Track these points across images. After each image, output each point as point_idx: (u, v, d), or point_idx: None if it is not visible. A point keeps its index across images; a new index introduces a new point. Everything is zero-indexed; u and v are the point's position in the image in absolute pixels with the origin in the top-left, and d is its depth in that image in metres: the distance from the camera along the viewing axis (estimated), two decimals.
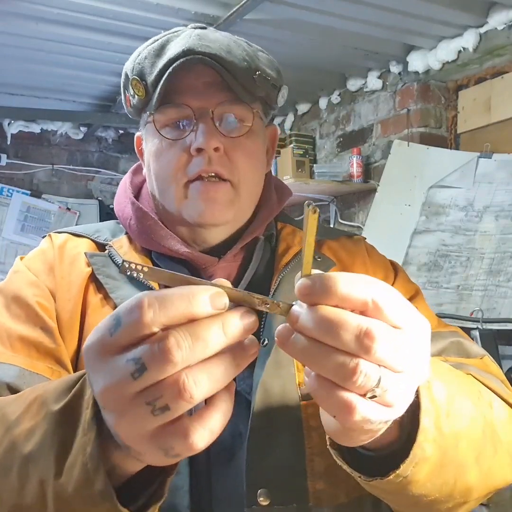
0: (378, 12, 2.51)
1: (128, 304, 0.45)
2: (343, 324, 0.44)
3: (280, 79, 0.91)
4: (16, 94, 3.62)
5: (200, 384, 0.44)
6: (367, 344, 0.44)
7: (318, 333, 0.45)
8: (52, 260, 0.87)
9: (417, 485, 0.57)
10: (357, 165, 3.23)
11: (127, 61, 0.90)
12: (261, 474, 0.74)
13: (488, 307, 2.55)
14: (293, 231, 0.94)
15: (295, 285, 0.47)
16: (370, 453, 0.58)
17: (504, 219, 2.69)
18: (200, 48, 0.81)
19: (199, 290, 0.45)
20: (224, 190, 0.84)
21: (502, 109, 2.81)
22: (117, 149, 4.41)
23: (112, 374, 0.44)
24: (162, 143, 0.85)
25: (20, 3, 2.42)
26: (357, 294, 0.45)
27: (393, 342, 0.45)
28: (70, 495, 0.53)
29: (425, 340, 0.49)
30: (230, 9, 2.45)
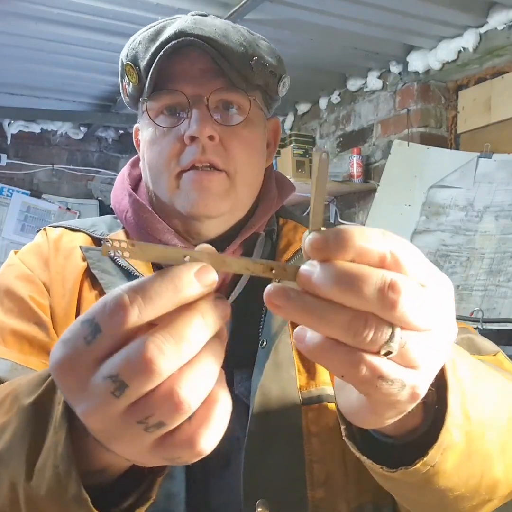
0: (378, 12, 2.51)
1: (104, 304, 0.38)
2: (366, 277, 0.39)
3: (280, 67, 0.87)
4: (16, 94, 3.62)
5: (195, 388, 0.38)
6: (392, 298, 0.39)
7: (337, 289, 0.39)
8: (47, 254, 0.84)
9: (444, 476, 0.53)
10: (357, 165, 3.23)
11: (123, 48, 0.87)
12: (259, 483, 0.71)
13: (488, 307, 2.55)
14: (295, 227, 0.91)
15: (304, 241, 0.41)
16: (390, 440, 0.54)
17: (504, 219, 2.69)
18: (192, 30, 0.78)
19: (182, 271, 0.39)
20: (219, 180, 0.80)
21: (502, 109, 2.81)
22: (117, 149, 4.41)
23: (91, 396, 0.38)
24: (156, 131, 0.82)
25: (20, 3, 2.42)
26: (375, 247, 0.40)
27: (419, 297, 0.40)
28: (42, 499, 0.49)
29: (450, 298, 0.44)
30: (230, 9, 2.45)
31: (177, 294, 0.39)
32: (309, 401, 0.74)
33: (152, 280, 0.39)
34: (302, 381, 0.76)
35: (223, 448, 0.73)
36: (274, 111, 0.93)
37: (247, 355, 0.77)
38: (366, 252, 0.40)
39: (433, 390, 0.50)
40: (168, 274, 0.39)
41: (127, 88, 0.87)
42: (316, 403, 0.74)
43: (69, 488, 0.46)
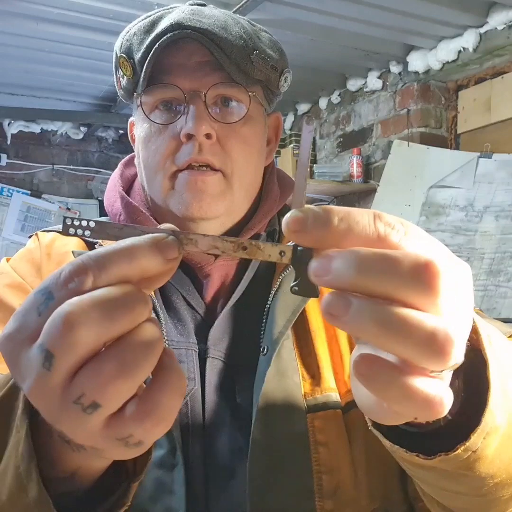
0: (378, 12, 2.52)
1: (59, 273, 0.36)
2: (397, 258, 0.35)
3: (282, 61, 0.82)
4: (16, 94, 3.63)
5: (124, 367, 0.35)
6: (429, 280, 0.34)
7: (370, 276, 0.35)
8: (39, 260, 0.81)
9: (486, 461, 0.48)
10: (357, 165, 3.23)
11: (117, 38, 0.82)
12: (265, 497, 0.67)
13: (488, 307, 2.55)
14: None
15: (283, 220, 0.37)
16: (414, 429, 0.49)
17: (504, 219, 2.69)
18: (190, 22, 0.73)
19: (141, 241, 0.37)
20: (214, 180, 0.75)
21: (502, 109, 2.81)
22: (118, 149, 4.41)
23: (29, 370, 0.36)
24: (151, 128, 0.77)
25: (20, 3, 2.43)
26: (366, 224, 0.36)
27: (451, 277, 0.35)
28: (4, 505, 0.46)
29: (467, 278, 0.39)
30: (230, 9, 2.45)
31: (133, 263, 0.36)
32: (314, 408, 0.71)
33: (110, 249, 0.37)
34: (307, 387, 0.72)
35: (225, 459, 0.71)
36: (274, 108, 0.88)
37: (248, 362, 0.74)
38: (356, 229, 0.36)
39: (461, 370, 0.45)
40: (128, 242, 0.37)
41: (121, 80, 0.84)
42: (322, 410, 0.71)
43: (29, 490, 0.44)
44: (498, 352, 0.47)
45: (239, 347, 0.76)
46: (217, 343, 0.75)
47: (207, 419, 0.71)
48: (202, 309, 0.78)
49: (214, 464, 0.70)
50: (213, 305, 0.79)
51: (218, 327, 0.77)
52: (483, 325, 0.47)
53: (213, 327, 0.76)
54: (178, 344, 0.75)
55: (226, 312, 0.78)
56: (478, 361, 0.46)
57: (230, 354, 0.75)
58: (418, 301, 0.35)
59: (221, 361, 0.75)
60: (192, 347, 0.75)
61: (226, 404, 0.73)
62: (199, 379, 0.73)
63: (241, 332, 0.77)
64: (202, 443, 0.71)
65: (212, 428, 0.71)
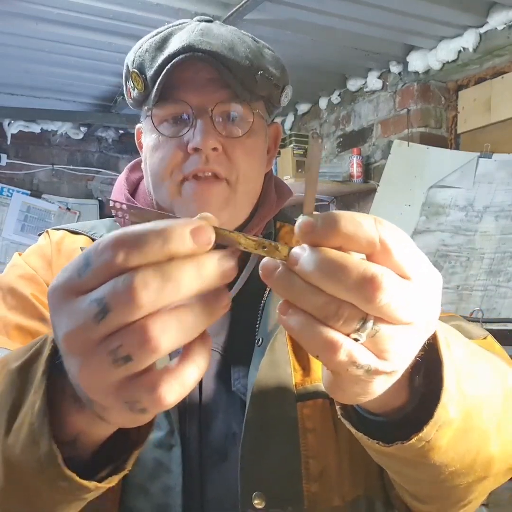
0: (378, 12, 2.52)
1: (99, 243, 0.40)
2: (347, 268, 0.40)
3: (284, 78, 0.89)
4: (16, 94, 3.63)
5: (167, 332, 0.39)
6: (371, 293, 0.40)
7: (318, 275, 0.41)
8: (50, 255, 0.87)
9: (440, 452, 0.53)
10: (357, 165, 3.23)
11: (130, 51, 0.88)
12: (255, 477, 0.73)
13: (488, 307, 2.55)
14: (291, 230, 0.92)
15: (296, 224, 0.42)
16: (381, 418, 0.55)
17: (504, 219, 2.69)
18: (200, 45, 0.80)
19: (178, 224, 0.40)
20: (219, 190, 0.81)
21: (502, 109, 2.81)
22: (117, 149, 4.41)
23: (75, 317, 0.40)
24: (160, 138, 0.83)
25: (20, 3, 2.43)
26: (364, 233, 0.41)
27: (399, 293, 0.41)
28: (17, 459, 0.50)
29: (436, 292, 0.44)
30: (230, 9, 2.45)
31: (167, 247, 0.39)
32: (304, 397, 0.76)
33: (147, 228, 0.39)
34: (298, 378, 0.78)
35: (219, 443, 0.76)
36: None
37: (244, 353, 0.79)
38: (355, 239, 0.41)
39: (421, 369, 0.51)
40: (164, 225, 0.39)
41: (131, 91, 0.89)
42: (311, 399, 0.77)
43: (41, 444, 0.48)
44: (456, 355, 0.53)
45: (235, 339, 0.81)
46: (214, 336, 0.80)
47: (204, 405, 0.77)
48: None
49: (209, 446, 0.76)
50: None
51: (215, 322, 0.80)
52: (444, 329, 0.53)
53: None
54: None
55: None
56: (437, 362, 0.51)
57: (227, 346, 0.81)
58: (360, 307, 0.41)
59: (218, 353, 0.80)
60: None
61: (222, 392, 0.78)
62: None
63: (237, 326, 0.82)
64: (199, 427, 0.76)
65: (208, 413, 0.77)
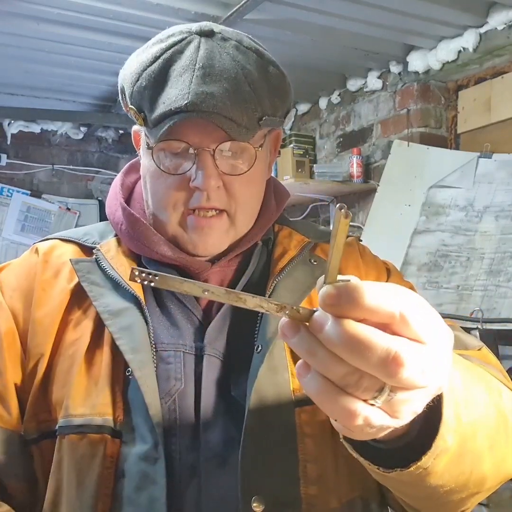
0: (378, 12, 2.51)
1: None
2: (372, 346, 0.42)
3: (288, 103, 0.87)
4: (16, 94, 3.62)
5: None
6: (394, 370, 0.42)
7: (343, 350, 0.43)
8: (33, 273, 0.87)
9: (436, 476, 0.56)
10: (357, 165, 3.23)
11: (124, 72, 0.85)
12: (255, 481, 0.74)
13: (488, 307, 2.55)
14: (289, 233, 0.93)
15: (318, 292, 0.44)
16: (381, 445, 0.58)
17: (504, 219, 2.69)
18: (203, 104, 0.77)
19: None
20: (219, 223, 0.83)
21: (502, 109, 2.81)
22: (117, 149, 4.41)
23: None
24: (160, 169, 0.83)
25: (20, 3, 2.42)
26: (386, 307, 0.43)
27: (418, 363, 0.43)
28: None
29: (447, 354, 0.47)
30: (230, 9, 2.45)
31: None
32: (302, 403, 0.77)
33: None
34: (296, 384, 0.78)
35: (218, 447, 0.76)
36: None
37: (243, 359, 0.80)
38: (376, 312, 0.43)
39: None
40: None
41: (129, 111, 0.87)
42: (309, 405, 0.77)
43: None
44: (455, 383, 0.55)
45: (234, 346, 0.82)
46: (213, 342, 0.81)
47: (203, 411, 0.77)
48: (199, 311, 0.84)
49: (207, 452, 0.77)
50: (208, 307, 0.85)
51: (214, 327, 0.83)
52: None
53: (209, 327, 0.82)
54: (167, 346, 0.81)
55: (221, 314, 0.84)
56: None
57: (225, 352, 0.82)
58: (381, 379, 0.44)
59: (217, 358, 0.81)
60: (181, 348, 0.81)
61: (221, 397, 0.79)
62: (192, 377, 0.79)
63: (236, 332, 0.83)
64: (195, 434, 0.77)
65: (207, 419, 0.77)
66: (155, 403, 0.75)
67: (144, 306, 0.81)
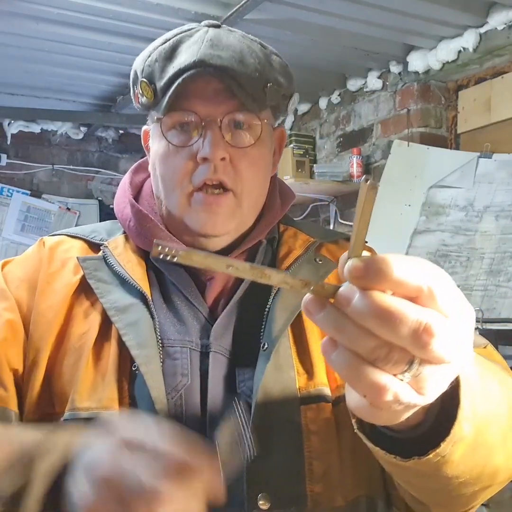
0: (378, 12, 2.51)
1: None
2: (403, 317, 0.42)
3: (291, 87, 0.90)
4: (16, 94, 3.62)
5: None
6: (425, 341, 0.42)
7: (373, 322, 0.42)
8: (38, 265, 0.87)
9: (452, 465, 0.56)
10: (357, 165, 3.23)
11: (138, 57, 0.89)
12: (261, 478, 0.74)
13: (488, 307, 2.55)
14: (294, 233, 0.93)
15: (344, 267, 0.43)
16: (396, 434, 0.57)
17: (504, 219, 2.69)
18: (211, 59, 0.81)
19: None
20: (227, 202, 0.84)
21: (502, 109, 2.81)
22: (118, 149, 4.41)
23: None
24: (169, 146, 0.85)
25: (20, 3, 2.42)
26: (414, 280, 0.42)
27: (447, 337, 0.43)
28: None
29: (470, 332, 0.47)
30: (230, 9, 2.45)
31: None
32: (308, 400, 0.78)
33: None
34: (301, 382, 0.79)
35: None
36: None
37: (249, 357, 0.80)
38: (404, 284, 0.42)
39: None
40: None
41: (139, 97, 0.89)
42: (314, 402, 0.78)
43: None
44: (470, 372, 0.55)
45: (240, 343, 0.82)
46: (219, 339, 0.82)
47: (210, 407, 0.78)
48: (205, 308, 0.85)
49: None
50: (215, 305, 0.86)
51: (220, 325, 0.83)
52: None
53: (215, 324, 0.83)
54: (174, 342, 0.81)
55: (227, 311, 0.84)
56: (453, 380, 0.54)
57: (231, 349, 0.82)
58: (412, 352, 0.43)
59: (222, 355, 0.81)
60: (188, 344, 0.81)
61: (227, 394, 0.79)
62: (198, 374, 0.80)
63: (241, 329, 0.83)
64: (201, 430, 0.77)
65: (214, 416, 0.78)
66: (161, 398, 0.75)
67: (150, 302, 0.82)
